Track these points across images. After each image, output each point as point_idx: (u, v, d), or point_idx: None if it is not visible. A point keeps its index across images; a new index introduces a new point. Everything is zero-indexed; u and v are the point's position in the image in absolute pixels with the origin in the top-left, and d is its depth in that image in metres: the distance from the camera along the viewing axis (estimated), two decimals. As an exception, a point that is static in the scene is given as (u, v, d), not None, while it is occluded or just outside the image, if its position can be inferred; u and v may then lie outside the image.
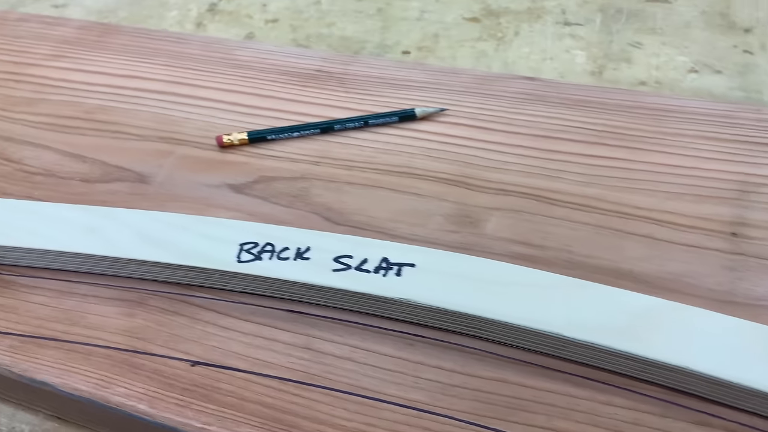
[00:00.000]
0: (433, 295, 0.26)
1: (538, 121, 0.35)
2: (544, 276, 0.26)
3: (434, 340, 0.26)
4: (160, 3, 0.55)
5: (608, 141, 0.34)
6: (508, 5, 0.50)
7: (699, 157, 0.32)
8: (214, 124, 0.37)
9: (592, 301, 0.25)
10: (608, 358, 0.24)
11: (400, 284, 0.26)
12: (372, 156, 0.34)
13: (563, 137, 0.34)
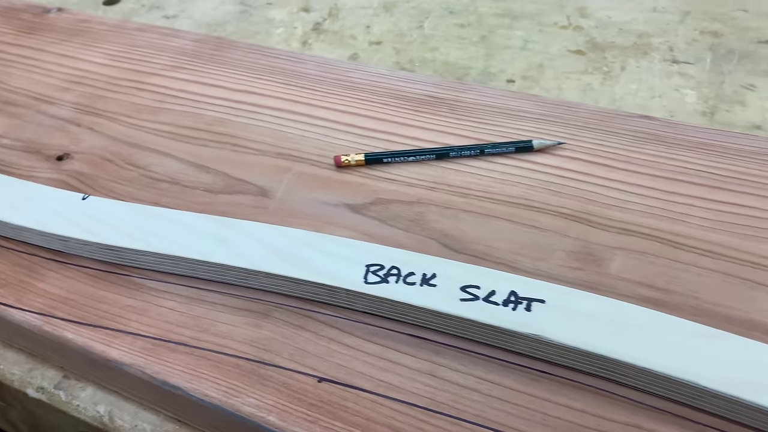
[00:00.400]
0: (565, 333, 0.26)
1: (658, 161, 0.35)
2: (678, 322, 0.26)
3: (562, 378, 0.26)
4: (267, 20, 0.56)
5: (732, 186, 0.33)
6: (614, 40, 0.50)
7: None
8: (329, 143, 0.38)
9: (730, 351, 0.25)
10: (747, 413, 0.24)
11: (531, 319, 0.26)
12: (488, 185, 0.34)
13: (684, 179, 0.34)
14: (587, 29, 0.52)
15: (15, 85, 0.45)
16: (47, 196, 0.34)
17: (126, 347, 0.28)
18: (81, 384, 0.31)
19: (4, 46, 0.49)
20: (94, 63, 0.46)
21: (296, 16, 0.56)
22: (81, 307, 0.30)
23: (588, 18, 0.53)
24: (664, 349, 0.25)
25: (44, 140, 0.40)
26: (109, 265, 0.32)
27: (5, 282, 0.32)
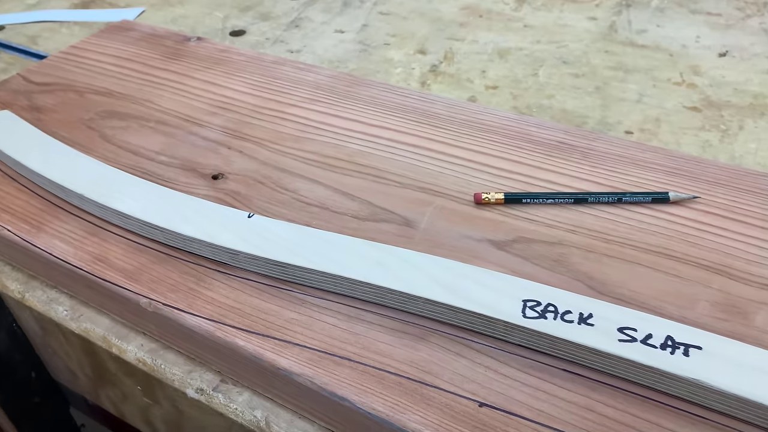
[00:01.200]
0: (724, 379, 0.27)
1: (796, 221, 0.36)
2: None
3: (718, 423, 0.27)
4: (385, 59, 0.60)
5: None
6: (729, 99, 0.51)
7: None
8: (467, 180, 0.40)
9: None
10: None
11: (689, 363, 0.27)
12: (627, 232, 0.36)
13: (824, 241, 0.35)
14: (701, 87, 0.53)
15: (166, 106, 0.49)
16: (216, 212, 0.37)
17: (294, 357, 0.31)
18: (238, 389, 0.33)
19: (152, 70, 0.53)
20: (237, 91, 0.50)
21: (413, 58, 0.60)
22: (248, 316, 0.33)
23: (701, 76, 0.54)
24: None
25: (199, 159, 0.43)
26: (273, 279, 0.34)
27: (175, 288, 0.34)
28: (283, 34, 0.64)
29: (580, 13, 0.65)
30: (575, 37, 0.61)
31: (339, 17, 0.67)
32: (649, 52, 0.58)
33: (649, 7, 0.65)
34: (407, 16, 0.66)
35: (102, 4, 0.73)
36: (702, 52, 0.58)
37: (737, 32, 0.60)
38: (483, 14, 0.66)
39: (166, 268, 0.36)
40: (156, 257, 0.36)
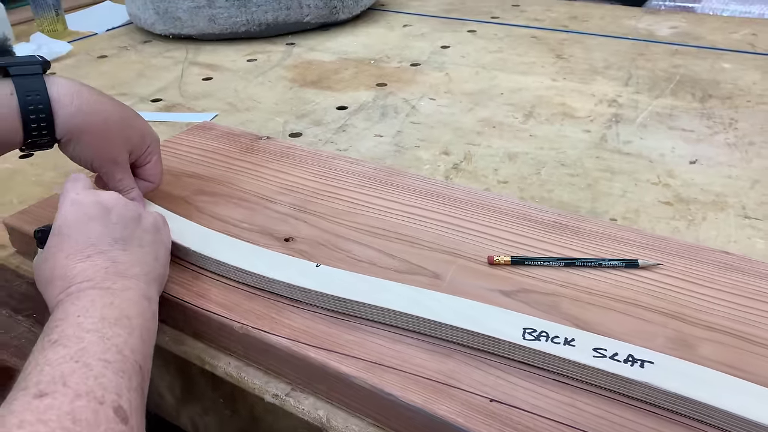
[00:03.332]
0: (671, 384, 0.37)
1: (737, 284, 0.47)
2: (746, 384, 0.37)
3: (667, 419, 0.37)
4: (416, 158, 0.73)
5: (794, 307, 0.44)
6: (696, 196, 0.64)
7: None
8: (482, 247, 0.52)
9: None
10: None
11: (644, 372, 0.38)
12: (606, 288, 0.47)
13: (758, 299, 0.45)
14: (674, 186, 0.65)
15: (245, 187, 0.62)
16: (291, 261, 0.49)
17: (353, 366, 0.41)
18: (305, 394, 0.44)
19: (232, 160, 0.67)
20: (301, 177, 0.63)
21: (439, 158, 0.73)
22: (317, 337, 0.43)
23: (675, 179, 0.67)
24: (737, 399, 0.35)
25: (273, 226, 0.55)
26: (335, 312, 0.45)
27: (261, 316, 0.45)
28: (333, 137, 0.79)
29: (577, 127, 0.79)
30: (572, 145, 0.74)
31: (378, 125, 0.82)
32: (632, 159, 0.71)
33: (635, 123, 0.79)
34: (434, 125, 0.81)
35: (182, 109, 0.89)
36: (676, 159, 0.71)
37: (706, 145, 0.73)
38: (496, 125, 0.80)
39: (254, 304, 0.47)
40: (245, 296, 0.48)
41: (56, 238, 0.43)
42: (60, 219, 0.44)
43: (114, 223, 0.44)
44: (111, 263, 0.42)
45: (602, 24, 1.17)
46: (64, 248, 0.42)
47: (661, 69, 0.95)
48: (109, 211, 0.45)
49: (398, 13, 1.29)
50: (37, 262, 0.44)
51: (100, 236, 0.43)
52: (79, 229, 0.43)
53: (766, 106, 0.82)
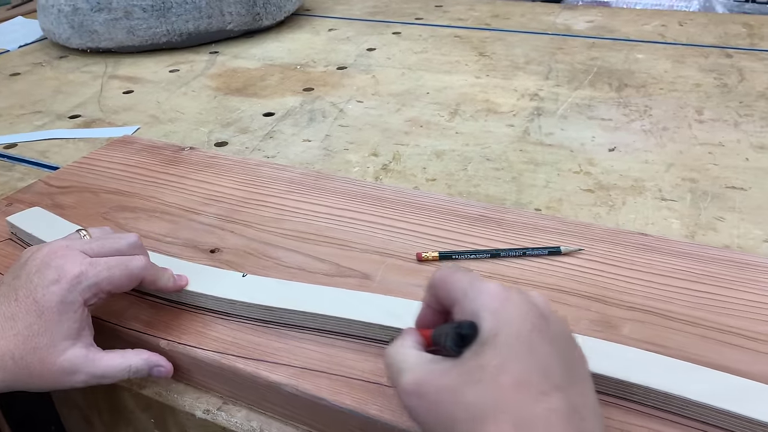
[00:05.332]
0: (593, 365, 0.38)
1: (653, 263, 0.48)
2: (660, 357, 0.38)
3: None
4: (345, 161, 0.73)
5: (706, 281, 0.46)
6: (616, 182, 0.66)
7: (777, 298, 0.44)
8: (411, 245, 0.52)
9: (707, 379, 0.37)
10: (708, 414, 0.35)
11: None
12: (530, 276, 0.48)
13: (673, 276, 0.47)
14: (595, 174, 0.68)
15: (168, 200, 0.60)
16: (217, 273, 0.47)
17: (282, 373, 0.40)
18: (237, 407, 0.43)
19: (154, 173, 0.65)
20: (227, 187, 0.62)
21: (368, 159, 0.73)
22: (245, 348, 0.43)
23: (595, 166, 0.69)
24: (654, 372, 0.37)
25: (198, 239, 0.54)
26: (263, 321, 0.44)
27: (187, 330, 0.44)
28: (260, 144, 0.78)
29: (500, 122, 0.80)
30: (496, 140, 0.76)
31: (306, 129, 0.81)
32: (554, 150, 0.73)
33: (556, 115, 0.81)
34: (362, 127, 0.81)
35: (102, 124, 0.86)
36: (596, 148, 0.73)
37: (623, 133, 0.76)
38: (423, 125, 0.81)
39: (180, 319, 0.45)
40: (170, 311, 0.46)
41: (490, 351, 0.30)
42: (494, 318, 0.31)
43: (558, 341, 0.32)
44: (571, 409, 0.29)
45: (523, 21, 1.20)
46: (509, 371, 0.29)
47: (579, 62, 0.98)
48: (548, 321, 0.32)
49: (323, 18, 1.29)
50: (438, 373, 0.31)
51: (555, 363, 0.30)
52: (529, 348, 0.30)
53: (677, 92, 0.86)
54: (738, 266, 0.48)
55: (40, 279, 0.39)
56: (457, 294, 0.34)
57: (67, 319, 0.39)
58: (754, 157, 0.69)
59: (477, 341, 0.31)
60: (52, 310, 0.39)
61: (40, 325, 0.39)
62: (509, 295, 0.32)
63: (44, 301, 0.39)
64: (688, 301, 0.45)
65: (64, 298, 0.39)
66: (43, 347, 0.38)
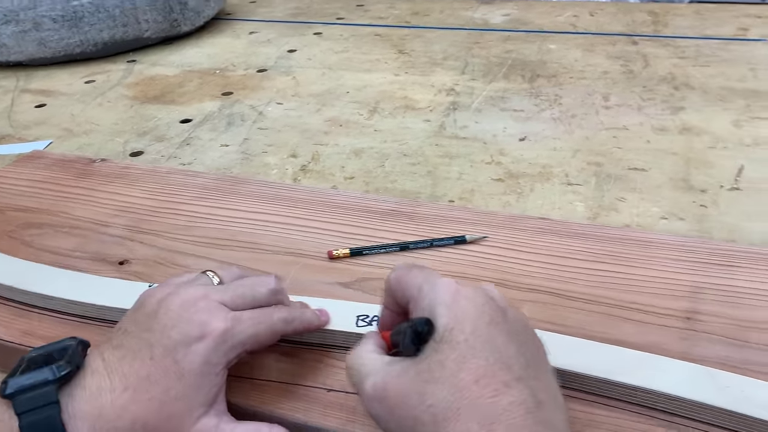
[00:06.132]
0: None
1: (554, 246, 0.50)
2: (567, 339, 0.40)
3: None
4: (264, 164, 0.73)
5: (606, 260, 0.49)
6: (525, 170, 0.68)
7: (669, 271, 0.47)
8: (323, 244, 0.52)
9: (602, 354, 0.39)
10: (605, 388, 0.37)
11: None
12: (437, 265, 0.49)
13: (573, 257, 0.49)
14: (505, 164, 0.70)
15: (77, 214, 0.59)
16: (123, 286, 0.47)
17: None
18: None
19: (64, 187, 0.63)
20: (137, 197, 0.61)
21: (287, 161, 0.73)
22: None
23: (506, 156, 0.71)
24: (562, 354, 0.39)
25: (107, 251, 0.53)
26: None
27: (94, 344, 0.44)
28: (176, 152, 0.77)
29: (417, 118, 0.82)
30: (413, 136, 0.77)
31: (224, 134, 0.81)
32: (468, 142, 0.75)
33: (470, 108, 0.83)
34: (281, 129, 0.81)
35: (12, 140, 0.83)
36: (507, 138, 0.75)
37: (534, 122, 0.79)
38: (343, 124, 0.82)
39: (85, 333, 0.45)
40: (76, 326, 0.45)
41: (447, 348, 0.30)
42: (449, 313, 0.31)
43: (517, 334, 0.32)
44: (533, 401, 0.28)
45: (441, 17, 1.22)
46: (469, 367, 0.29)
47: (494, 55, 1.01)
48: (505, 314, 0.32)
49: (245, 21, 1.28)
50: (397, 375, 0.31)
51: (514, 355, 0.30)
52: (487, 341, 0.30)
53: (586, 80, 0.89)
54: (636, 244, 0.50)
55: (180, 336, 0.34)
56: (412, 291, 0.33)
57: (207, 383, 0.34)
58: (655, 139, 0.73)
59: (434, 338, 0.30)
60: (194, 373, 0.34)
61: (179, 390, 0.33)
62: (463, 289, 0.32)
63: (185, 362, 0.34)
64: (588, 280, 0.47)
65: (209, 360, 0.34)
66: (177, 415, 0.33)
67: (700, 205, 0.60)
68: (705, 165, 0.67)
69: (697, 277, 0.46)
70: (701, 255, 0.48)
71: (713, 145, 0.70)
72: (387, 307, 0.37)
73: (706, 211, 0.59)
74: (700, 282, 0.45)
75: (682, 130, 0.74)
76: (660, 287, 0.45)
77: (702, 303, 0.44)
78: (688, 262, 0.47)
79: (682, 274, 0.46)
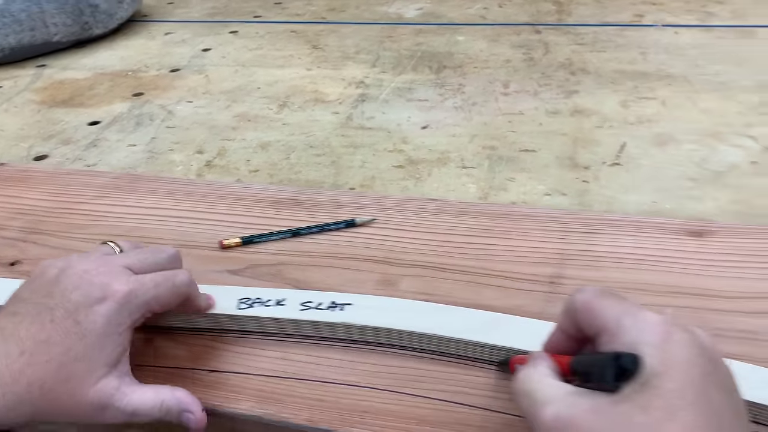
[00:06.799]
0: (365, 320, 0.41)
1: (437, 224, 0.53)
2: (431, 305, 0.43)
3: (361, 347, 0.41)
4: (169, 161, 0.73)
5: (482, 234, 0.52)
6: (424, 157, 0.71)
7: (538, 241, 0.50)
8: (217, 234, 0.54)
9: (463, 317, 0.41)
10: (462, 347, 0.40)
11: (343, 314, 0.42)
12: (327, 249, 0.51)
13: (453, 233, 0.52)
14: (406, 151, 0.72)
15: (-30, 219, 0.58)
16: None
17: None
18: (36, 412, 0.43)
19: (-42, 193, 0.63)
20: (35, 199, 0.61)
21: (192, 157, 0.74)
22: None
23: (408, 144, 0.74)
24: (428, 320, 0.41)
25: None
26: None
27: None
28: (82, 154, 0.76)
29: (326, 110, 0.84)
30: (321, 128, 0.79)
31: (132, 135, 0.80)
32: (373, 132, 0.77)
33: (378, 100, 0.86)
34: (189, 127, 0.81)
35: None
36: (410, 127, 0.78)
37: (437, 111, 0.82)
38: (251, 119, 0.83)
39: None
40: None
41: (653, 394, 0.26)
42: (659, 356, 0.28)
43: (730, 392, 0.29)
44: None
45: (357, 12, 1.24)
46: (678, 420, 0.26)
47: (405, 48, 1.04)
48: (717, 367, 0.29)
49: (161, 22, 1.27)
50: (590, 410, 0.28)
51: (728, 415, 0.27)
52: (700, 395, 0.27)
53: (489, 69, 0.93)
54: (510, 218, 0.53)
55: (82, 297, 0.35)
56: (607, 322, 0.30)
57: (110, 342, 0.35)
58: (547, 121, 0.77)
59: (638, 379, 0.27)
60: (96, 333, 0.34)
61: (79, 351, 0.34)
62: (675, 331, 0.28)
63: (87, 323, 0.34)
64: (464, 253, 0.50)
65: (111, 320, 0.35)
66: (77, 376, 0.34)
67: (583, 180, 0.64)
68: (591, 144, 0.71)
69: (564, 244, 0.49)
70: (568, 225, 0.51)
71: (600, 125, 0.75)
72: (564, 331, 0.33)
73: (587, 186, 0.63)
74: (566, 249, 0.49)
75: (574, 112, 0.78)
76: (528, 256, 0.48)
77: (566, 268, 0.47)
78: (555, 232, 0.51)
79: (550, 243, 0.50)
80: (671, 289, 0.44)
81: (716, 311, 0.42)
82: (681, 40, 0.97)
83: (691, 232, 0.49)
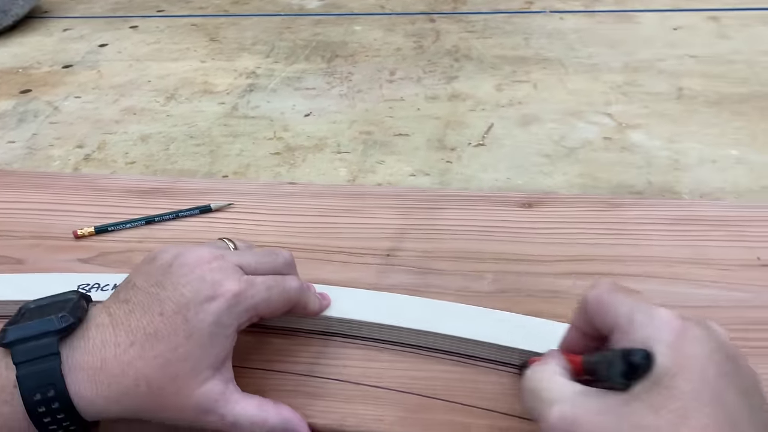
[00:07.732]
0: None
1: (292, 206, 0.55)
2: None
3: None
4: (47, 156, 0.73)
5: (329, 214, 0.54)
6: (302, 143, 0.72)
7: (382, 216, 0.52)
8: (74, 225, 0.54)
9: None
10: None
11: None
12: (182, 235, 0.52)
13: (305, 214, 0.54)
14: (286, 139, 0.74)
15: None
16: None
17: None
18: None
19: None
20: None
21: (71, 152, 0.74)
22: None
23: (288, 132, 0.75)
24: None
25: None
26: None
27: None
28: (-43, 152, 0.75)
29: (213, 101, 0.84)
30: (204, 118, 0.80)
31: (13, 131, 0.79)
32: (256, 121, 0.78)
33: (267, 89, 0.87)
34: (73, 122, 0.81)
35: None
36: (294, 115, 0.79)
37: (322, 99, 0.83)
38: (137, 112, 0.83)
39: None
40: None
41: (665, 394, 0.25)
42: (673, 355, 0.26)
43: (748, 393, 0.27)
44: None
45: (260, 5, 1.24)
46: (691, 424, 0.24)
47: (302, 39, 1.05)
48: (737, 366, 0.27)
49: (60, 18, 1.24)
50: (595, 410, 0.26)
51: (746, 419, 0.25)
52: (715, 396, 0.25)
53: (379, 57, 0.95)
54: (357, 197, 0.55)
55: (193, 293, 0.33)
56: (619, 319, 0.29)
57: (216, 344, 0.33)
58: (425, 107, 0.79)
59: (649, 377, 0.26)
60: (204, 333, 0.32)
61: (186, 349, 0.32)
62: (689, 327, 0.27)
63: (196, 321, 0.32)
64: (311, 232, 0.51)
65: (220, 320, 0.33)
66: (183, 376, 0.32)
67: (447, 161, 0.67)
68: (461, 126, 0.74)
69: (404, 220, 0.52)
70: (410, 201, 0.54)
71: (473, 108, 0.78)
72: (579, 328, 0.32)
73: (450, 166, 0.66)
74: (406, 224, 0.51)
75: (451, 97, 0.81)
76: (370, 231, 0.51)
77: (404, 242, 0.49)
78: (398, 209, 0.53)
79: (392, 219, 0.52)
80: (498, 256, 0.47)
81: (532, 274, 0.45)
82: (564, 25, 1.02)
83: (522, 203, 0.52)
